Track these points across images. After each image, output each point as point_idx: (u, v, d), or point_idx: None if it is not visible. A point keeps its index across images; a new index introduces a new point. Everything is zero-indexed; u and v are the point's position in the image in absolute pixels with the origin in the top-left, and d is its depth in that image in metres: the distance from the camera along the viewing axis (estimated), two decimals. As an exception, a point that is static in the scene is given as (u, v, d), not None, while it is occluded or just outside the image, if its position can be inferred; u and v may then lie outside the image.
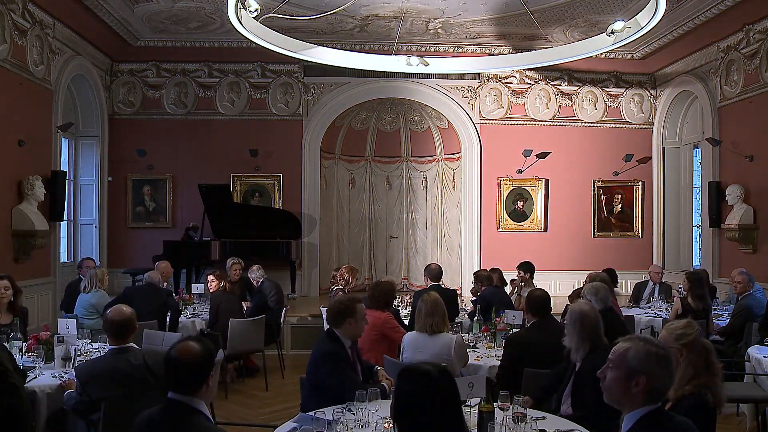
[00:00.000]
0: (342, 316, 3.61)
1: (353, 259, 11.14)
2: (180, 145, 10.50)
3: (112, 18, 8.99)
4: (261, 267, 7.52)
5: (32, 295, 7.79)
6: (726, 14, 8.32)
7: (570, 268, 10.57)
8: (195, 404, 2.35)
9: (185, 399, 2.34)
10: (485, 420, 2.81)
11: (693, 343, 2.71)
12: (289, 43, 8.25)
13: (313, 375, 3.50)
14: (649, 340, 2.22)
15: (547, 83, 10.97)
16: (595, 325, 3.42)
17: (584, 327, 3.40)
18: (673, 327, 2.81)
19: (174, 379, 2.37)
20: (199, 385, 2.35)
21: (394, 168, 11.84)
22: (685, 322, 2.85)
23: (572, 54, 8.27)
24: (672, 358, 2.21)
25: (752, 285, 6.18)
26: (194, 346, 2.39)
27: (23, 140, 7.73)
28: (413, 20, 9.46)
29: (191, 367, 2.35)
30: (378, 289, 4.90)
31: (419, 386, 2.15)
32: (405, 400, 2.16)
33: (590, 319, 3.43)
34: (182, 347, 2.39)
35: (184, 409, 2.33)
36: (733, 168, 8.98)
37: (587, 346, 3.37)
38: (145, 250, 9.74)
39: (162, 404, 2.38)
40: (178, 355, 2.37)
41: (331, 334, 3.62)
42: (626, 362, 2.15)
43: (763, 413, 4.44)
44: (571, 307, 3.62)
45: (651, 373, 2.12)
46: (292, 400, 5.66)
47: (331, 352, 3.49)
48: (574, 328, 3.42)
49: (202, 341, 2.44)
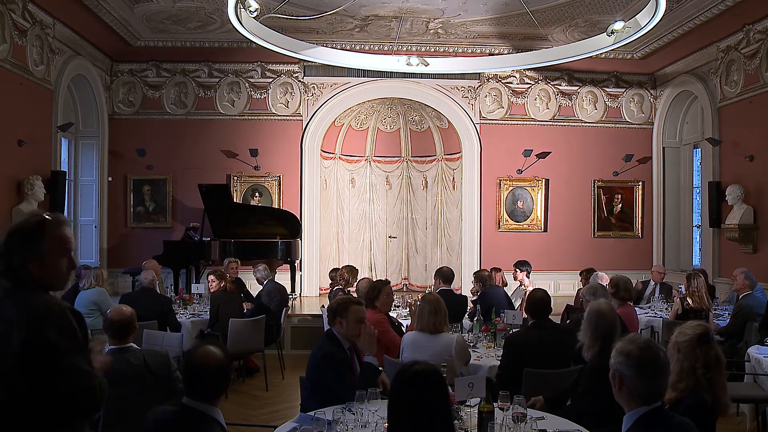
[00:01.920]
0: (333, 315, 3.59)
1: (353, 259, 11.13)
2: (180, 145, 10.50)
3: (112, 18, 8.99)
4: (267, 267, 7.49)
5: (32, 295, 7.78)
6: (726, 14, 8.31)
7: (570, 268, 10.55)
8: (211, 412, 2.26)
9: (201, 407, 2.25)
10: (485, 420, 2.81)
11: (686, 344, 2.68)
12: (289, 43, 8.27)
13: (313, 376, 3.49)
14: (632, 341, 2.20)
15: (547, 83, 10.97)
16: (609, 326, 3.37)
17: (598, 326, 3.38)
18: (684, 325, 2.80)
19: (195, 385, 2.26)
20: (219, 393, 2.27)
21: (394, 168, 11.84)
22: (697, 323, 2.82)
23: (572, 54, 8.28)
24: (654, 360, 2.15)
25: (755, 285, 6.17)
26: (217, 352, 2.28)
27: (23, 140, 7.73)
28: (413, 20, 9.45)
29: (215, 374, 2.25)
30: (374, 287, 4.93)
31: (409, 387, 2.20)
32: (396, 401, 2.22)
33: (605, 320, 3.41)
34: (205, 352, 2.27)
35: (200, 417, 2.24)
36: (733, 168, 8.98)
37: (598, 345, 3.36)
38: (145, 250, 9.72)
39: (175, 409, 2.28)
40: (201, 360, 2.26)
41: (330, 334, 3.61)
42: (611, 363, 2.21)
43: (763, 413, 4.43)
44: (590, 305, 3.59)
45: (623, 374, 2.14)
46: (292, 400, 5.67)
47: (329, 354, 3.47)
48: (589, 326, 3.41)
49: (221, 347, 2.33)
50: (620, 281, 5.45)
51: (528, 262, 7.55)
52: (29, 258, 1.93)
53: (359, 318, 3.55)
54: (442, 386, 2.25)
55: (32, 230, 1.96)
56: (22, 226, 1.98)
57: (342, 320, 3.53)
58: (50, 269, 1.97)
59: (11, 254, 1.93)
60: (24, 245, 1.94)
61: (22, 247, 1.94)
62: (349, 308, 3.55)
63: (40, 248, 1.95)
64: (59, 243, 1.99)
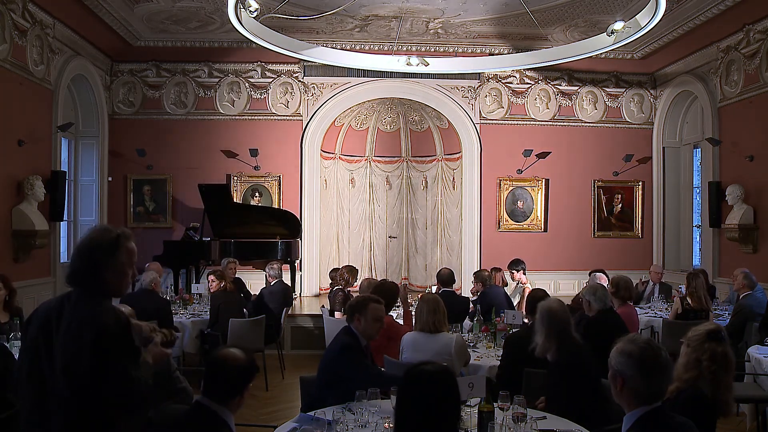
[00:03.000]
0: (351, 311, 3.61)
1: (353, 259, 11.13)
2: (180, 145, 10.50)
3: (112, 18, 8.99)
4: (280, 267, 7.53)
5: (32, 296, 7.78)
6: (726, 14, 8.31)
7: (570, 268, 10.58)
8: (224, 414, 2.30)
9: (215, 407, 2.28)
10: (485, 420, 2.82)
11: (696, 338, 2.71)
12: (289, 43, 8.27)
13: (330, 368, 3.47)
14: (633, 341, 2.20)
15: (547, 83, 10.97)
16: (562, 323, 3.43)
17: (552, 325, 3.42)
18: (698, 325, 2.84)
19: (211, 382, 2.32)
20: (234, 394, 2.31)
21: (394, 168, 11.84)
22: (711, 323, 2.87)
23: (572, 54, 8.28)
24: (655, 360, 2.14)
25: (755, 285, 6.17)
26: (240, 354, 2.35)
27: (23, 140, 7.73)
28: (413, 20, 9.45)
29: (232, 374, 2.30)
30: (381, 288, 4.81)
31: (422, 387, 2.18)
32: (407, 401, 2.19)
33: (557, 318, 3.44)
34: (228, 353, 2.35)
35: (212, 418, 2.27)
36: (733, 168, 8.98)
37: (554, 344, 3.39)
38: (145, 250, 9.69)
39: (189, 407, 2.32)
40: (222, 359, 2.33)
41: (348, 330, 3.61)
42: (610, 363, 2.20)
43: (763, 413, 4.44)
44: (540, 305, 3.60)
45: (625, 374, 2.14)
46: (292, 400, 5.67)
47: (349, 344, 3.48)
48: (542, 325, 3.44)
49: (247, 353, 2.39)
50: (621, 281, 5.46)
51: (520, 260, 7.59)
52: (107, 268, 2.20)
53: (377, 316, 3.58)
54: (454, 387, 2.23)
55: (111, 244, 2.23)
56: (102, 241, 2.24)
57: (360, 317, 3.56)
58: (122, 278, 2.25)
59: (95, 265, 2.19)
60: (105, 257, 2.20)
61: (103, 258, 2.20)
62: (368, 306, 3.58)
63: (116, 260, 2.22)
64: (130, 255, 2.28)
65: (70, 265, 2.24)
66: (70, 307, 2.14)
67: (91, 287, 2.18)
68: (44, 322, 2.16)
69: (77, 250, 2.24)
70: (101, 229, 2.31)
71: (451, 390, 2.21)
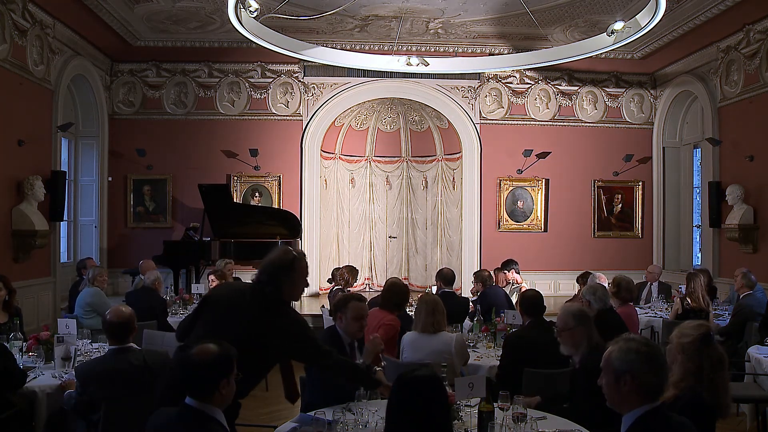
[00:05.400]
0: (335, 310, 3.63)
1: (353, 259, 11.13)
2: (180, 145, 10.50)
3: (112, 18, 8.99)
4: None
5: (32, 295, 7.79)
6: (726, 14, 8.31)
7: (570, 268, 10.54)
8: (210, 412, 2.28)
9: (200, 406, 2.27)
10: (485, 420, 2.81)
11: (690, 345, 2.68)
12: (289, 43, 8.27)
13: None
14: (632, 339, 2.23)
15: (547, 83, 10.97)
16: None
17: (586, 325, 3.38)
18: (684, 325, 2.80)
19: (185, 380, 2.30)
20: (209, 390, 2.27)
21: (394, 168, 11.84)
22: (697, 323, 2.81)
23: (572, 54, 8.28)
24: (658, 354, 2.20)
25: (755, 285, 6.16)
26: (212, 348, 2.30)
27: (23, 140, 7.73)
28: (413, 20, 9.45)
29: (202, 369, 2.27)
30: (391, 288, 4.70)
31: (409, 392, 2.27)
32: (395, 405, 2.30)
33: (590, 319, 3.42)
34: (200, 348, 2.31)
35: (199, 417, 2.26)
36: (733, 168, 8.98)
37: (585, 346, 3.36)
38: (145, 250, 9.70)
39: (177, 409, 2.30)
40: (189, 357, 2.31)
41: (332, 329, 3.62)
42: (611, 365, 2.19)
43: (763, 413, 4.44)
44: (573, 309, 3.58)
45: (636, 370, 2.14)
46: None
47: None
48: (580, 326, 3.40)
49: (223, 345, 2.34)
50: (622, 281, 5.46)
51: (513, 260, 7.59)
52: (285, 283, 2.96)
53: (358, 315, 3.53)
54: (442, 393, 2.31)
55: (290, 264, 2.98)
56: (283, 262, 2.98)
57: (341, 315, 3.56)
58: (296, 290, 3.09)
59: (277, 281, 2.93)
60: (284, 275, 2.95)
61: (282, 276, 2.95)
62: (348, 304, 3.56)
63: (293, 276, 2.99)
64: (303, 272, 3.05)
65: (257, 275, 3.04)
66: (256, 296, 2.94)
67: (271, 297, 2.91)
68: (232, 298, 3.00)
69: (262, 267, 3.00)
70: (282, 251, 3.06)
71: (439, 395, 2.29)
